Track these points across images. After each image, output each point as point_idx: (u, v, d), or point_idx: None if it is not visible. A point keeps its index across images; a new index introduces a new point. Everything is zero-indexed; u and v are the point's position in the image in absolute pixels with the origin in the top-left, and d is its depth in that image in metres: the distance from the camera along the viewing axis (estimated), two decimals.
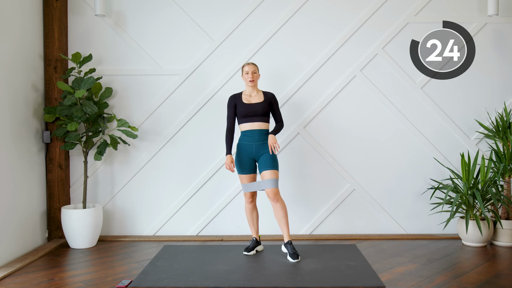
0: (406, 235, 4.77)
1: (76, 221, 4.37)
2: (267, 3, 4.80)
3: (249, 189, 4.10)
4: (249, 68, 4.10)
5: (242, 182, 4.15)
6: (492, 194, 4.25)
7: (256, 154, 4.06)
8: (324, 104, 4.81)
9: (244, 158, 4.07)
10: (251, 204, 4.18)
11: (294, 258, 3.88)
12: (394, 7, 4.80)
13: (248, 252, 4.11)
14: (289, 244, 3.97)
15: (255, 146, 4.04)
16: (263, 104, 4.07)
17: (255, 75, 4.11)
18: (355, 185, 4.83)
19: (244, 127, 4.08)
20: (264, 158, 4.02)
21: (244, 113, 4.05)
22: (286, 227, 3.99)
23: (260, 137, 4.05)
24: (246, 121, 4.06)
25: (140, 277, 3.54)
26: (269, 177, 3.97)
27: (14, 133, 4.10)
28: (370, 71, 4.82)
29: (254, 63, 4.24)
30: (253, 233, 4.25)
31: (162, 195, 4.85)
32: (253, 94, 4.12)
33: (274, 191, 3.95)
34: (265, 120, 4.08)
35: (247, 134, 4.06)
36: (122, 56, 4.81)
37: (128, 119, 4.78)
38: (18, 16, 4.20)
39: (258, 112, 4.04)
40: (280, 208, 3.97)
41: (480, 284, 3.38)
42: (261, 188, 4.03)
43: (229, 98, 4.16)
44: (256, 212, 4.23)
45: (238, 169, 4.11)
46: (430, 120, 4.83)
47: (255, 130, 4.05)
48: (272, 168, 3.99)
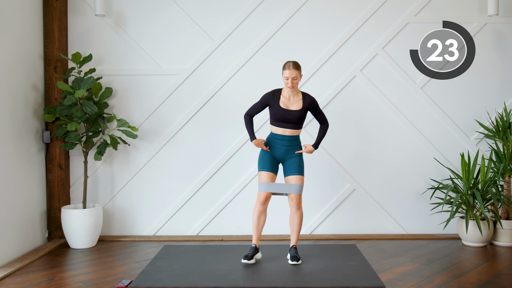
0: (406, 235, 4.77)
1: (76, 221, 4.37)
2: (267, 3, 4.80)
3: (269, 189, 3.82)
4: (289, 73, 3.74)
5: (260, 180, 3.86)
6: (492, 194, 4.25)
7: (284, 157, 3.90)
8: (324, 104, 4.81)
9: (270, 156, 3.90)
10: (263, 207, 3.84)
11: (293, 261, 3.84)
12: (394, 7, 4.80)
13: (249, 261, 3.82)
14: (293, 248, 3.92)
15: (283, 150, 3.88)
16: (300, 113, 3.83)
17: (295, 81, 3.77)
18: (355, 185, 4.83)
19: (276, 130, 3.88)
20: (293, 162, 3.87)
21: (279, 118, 3.83)
22: (297, 234, 3.92)
23: (291, 142, 3.89)
24: (279, 125, 3.86)
25: (140, 277, 3.54)
26: (297, 182, 3.83)
27: (14, 133, 4.10)
28: (370, 71, 4.82)
29: (296, 63, 3.81)
30: (254, 240, 3.90)
31: (162, 195, 4.85)
32: (292, 99, 3.84)
33: (300, 197, 3.83)
34: (298, 127, 3.89)
35: (277, 137, 3.88)
36: (122, 56, 4.81)
37: (128, 119, 4.78)
38: (18, 16, 4.20)
39: (293, 120, 3.82)
40: (299, 217, 3.87)
41: (480, 284, 3.39)
42: (286, 191, 3.82)
43: (267, 94, 3.89)
44: (264, 217, 3.88)
45: (260, 164, 3.90)
46: (430, 120, 4.83)
47: (286, 136, 3.87)
48: (300, 174, 3.84)
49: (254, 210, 3.88)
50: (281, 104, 3.83)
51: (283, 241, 4.62)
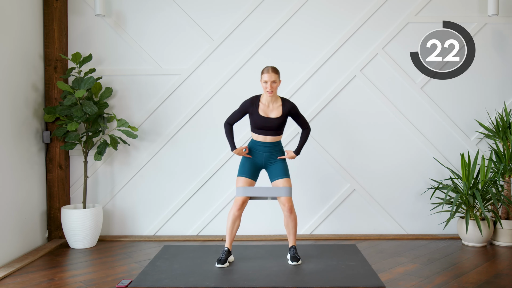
0: (406, 235, 4.77)
1: (76, 221, 4.37)
2: (267, 3, 4.80)
3: (249, 193, 3.80)
4: (268, 77, 3.71)
5: (238, 185, 3.84)
6: (492, 194, 4.25)
7: (266, 163, 3.89)
8: (324, 104, 4.81)
9: (250, 161, 3.89)
10: (239, 212, 3.81)
11: (293, 261, 3.83)
12: (394, 7, 4.80)
13: (222, 265, 3.75)
14: (293, 248, 3.91)
15: (265, 156, 3.87)
16: (279, 120, 3.80)
17: (275, 85, 3.73)
18: (355, 185, 4.83)
19: (257, 138, 3.87)
20: (277, 166, 3.86)
21: (259, 126, 3.82)
22: (294, 235, 3.91)
23: (272, 148, 3.88)
24: (260, 133, 3.85)
25: (140, 277, 3.54)
26: (285, 185, 3.81)
27: (14, 133, 4.10)
28: (370, 71, 4.82)
29: (275, 68, 3.80)
30: (227, 243, 3.86)
31: (162, 195, 4.85)
32: (271, 105, 3.81)
33: (291, 200, 3.81)
34: (279, 134, 3.88)
35: (259, 144, 3.87)
36: (122, 56, 4.81)
37: (128, 119, 4.78)
38: (18, 16, 4.20)
39: (273, 127, 3.80)
40: (293, 220, 3.84)
41: (480, 284, 3.39)
42: (275, 195, 3.80)
43: (245, 101, 3.86)
44: (239, 222, 3.85)
45: (240, 170, 3.90)
46: (430, 120, 4.83)
47: (268, 142, 3.86)
48: (287, 177, 3.84)
49: (229, 215, 3.84)
50: (260, 112, 3.80)
51: (283, 241, 4.62)
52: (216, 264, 3.78)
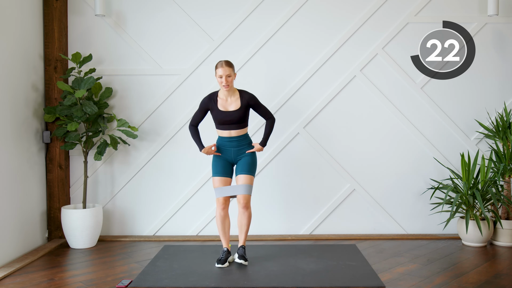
0: (406, 235, 4.77)
1: (76, 221, 4.37)
2: (267, 3, 4.80)
3: (222, 193, 3.81)
4: (222, 71, 3.69)
5: (215, 186, 3.85)
6: (492, 194, 4.25)
7: (235, 158, 3.89)
8: (324, 104, 4.81)
9: (221, 159, 3.89)
10: (224, 211, 3.83)
11: (241, 259, 3.76)
12: (394, 7, 4.80)
13: (222, 265, 3.74)
14: (242, 247, 3.83)
15: (233, 151, 3.87)
16: (239, 112, 3.78)
17: (230, 79, 3.72)
18: (355, 185, 4.83)
19: (222, 133, 3.87)
20: (243, 161, 3.84)
21: (220, 121, 3.81)
22: (245, 234, 3.85)
23: (239, 142, 3.86)
24: (223, 128, 3.84)
25: (140, 277, 3.54)
26: (243, 182, 3.78)
27: (14, 133, 4.10)
28: (370, 71, 4.82)
29: (228, 61, 3.78)
30: (224, 243, 3.87)
31: (162, 195, 4.85)
32: (229, 99, 3.81)
33: (247, 197, 3.77)
34: (242, 126, 3.85)
35: (225, 140, 3.87)
36: (122, 56, 4.81)
37: (128, 119, 4.78)
38: (18, 16, 4.20)
39: (234, 120, 3.78)
40: (247, 217, 3.81)
41: (480, 284, 3.39)
42: (234, 193, 3.80)
43: (203, 99, 3.88)
44: (228, 220, 3.88)
45: (213, 170, 3.89)
46: (430, 120, 4.83)
47: (233, 137, 3.85)
48: (248, 173, 3.79)
49: (216, 216, 3.87)
50: (219, 106, 3.80)
51: (283, 241, 4.62)
52: (216, 264, 3.78)
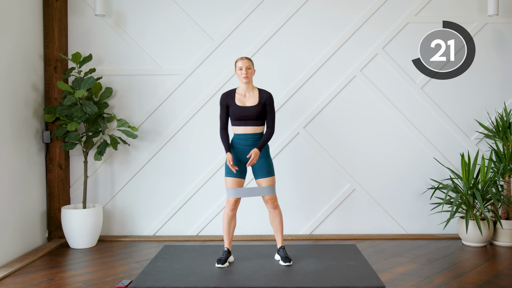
0: (406, 235, 4.77)
1: (76, 221, 4.37)
2: (267, 3, 4.80)
3: (238, 194, 3.80)
4: (242, 63, 3.76)
5: (227, 186, 3.82)
6: (492, 194, 4.25)
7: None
8: (324, 104, 4.81)
9: (236, 160, 3.82)
10: (233, 212, 3.84)
11: (286, 262, 3.82)
12: (394, 7, 4.80)
13: (222, 265, 3.77)
14: (282, 249, 3.91)
15: (249, 151, 3.80)
16: (257, 108, 3.77)
17: (250, 71, 3.77)
18: (355, 185, 4.83)
19: (238, 130, 3.82)
20: (261, 164, 3.81)
21: (237, 116, 3.78)
22: (281, 233, 3.92)
23: (255, 141, 3.81)
24: (239, 124, 3.80)
25: (140, 277, 3.54)
26: (268, 184, 3.81)
27: (14, 133, 4.10)
28: (370, 71, 4.82)
29: (248, 57, 3.90)
30: (226, 243, 3.89)
31: (162, 195, 4.85)
32: (247, 94, 3.82)
33: (273, 197, 3.84)
34: (260, 124, 3.82)
35: (240, 138, 3.82)
36: (122, 56, 4.81)
37: (128, 119, 4.78)
38: (18, 16, 4.20)
39: (252, 116, 3.77)
40: (278, 215, 3.88)
41: (480, 284, 3.39)
42: (258, 194, 3.83)
43: (221, 97, 3.87)
44: (235, 221, 3.90)
45: (226, 170, 3.83)
46: (430, 120, 4.83)
47: (249, 134, 3.79)
48: (269, 175, 3.81)
49: (223, 216, 3.88)
50: (237, 102, 3.80)
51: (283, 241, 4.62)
52: (216, 264, 3.79)
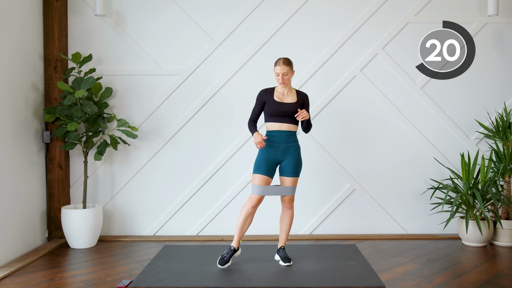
0: (406, 235, 4.77)
1: (76, 221, 4.37)
2: (267, 3, 4.80)
3: (263, 192, 3.72)
4: (280, 69, 3.72)
5: (254, 183, 3.73)
6: (492, 194, 4.25)
7: (281, 157, 3.78)
8: (324, 104, 4.81)
9: (266, 158, 3.76)
10: (253, 210, 3.74)
11: (286, 262, 3.82)
12: (394, 7, 4.80)
13: (223, 266, 3.74)
14: (282, 249, 3.91)
15: (281, 148, 3.76)
16: (295, 106, 3.77)
17: (286, 77, 3.75)
18: (355, 185, 4.83)
19: (272, 126, 3.78)
20: (289, 162, 3.78)
21: (275, 112, 3.75)
22: (286, 233, 3.93)
23: (288, 138, 3.78)
24: (275, 120, 3.77)
25: (140, 277, 3.54)
26: (291, 184, 3.81)
27: (14, 133, 4.10)
28: (370, 71, 4.82)
29: (286, 59, 3.76)
30: (235, 242, 3.81)
31: (162, 195, 4.85)
32: (285, 93, 3.82)
33: (292, 198, 3.86)
34: (295, 122, 3.81)
35: (274, 135, 3.78)
36: (122, 56, 4.81)
37: (128, 119, 4.78)
38: (18, 16, 4.20)
39: (289, 112, 3.75)
40: (290, 215, 3.90)
41: (480, 284, 3.39)
42: (280, 193, 3.80)
43: (260, 92, 3.84)
44: (251, 219, 3.79)
45: (255, 167, 3.77)
46: (430, 120, 4.83)
47: (283, 131, 3.77)
48: (295, 176, 3.81)
49: (242, 211, 3.75)
50: (275, 98, 3.79)
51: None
52: (217, 264, 3.76)
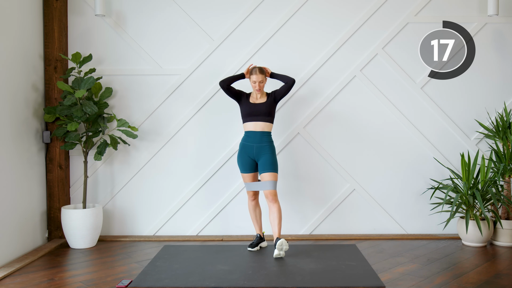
0: (406, 235, 4.77)
1: (76, 221, 4.37)
2: (267, 3, 4.80)
3: (251, 188, 4.25)
4: (256, 78, 4.16)
5: (244, 181, 4.31)
6: (492, 194, 4.25)
7: (257, 156, 4.17)
8: (324, 104, 4.81)
9: (245, 158, 4.21)
10: (254, 201, 4.32)
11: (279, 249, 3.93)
12: (394, 7, 4.80)
13: (252, 248, 4.22)
14: (277, 239, 4.00)
15: (255, 148, 4.16)
16: (267, 104, 4.19)
17: (262, 84, 4.20)
18: (355, 185, 4.83)
19: (248, 127, 4.20)
20: (264, 160, 4.14)
21: (248, 112, 4.18)
22: (278, 226, 4.06)
23: (262, 139, 4.16)
24: (250, 120, 4.18)
25: (140, 277, 3.54)
26: (268, 179, 4.11)
27: (14, 133, 4.10)
28: (370, 71, 4.82)
29: (261, 68, 4.21)
30: (256, 230, 4.37)
31: (162, 195, 4.85)
32: (259, 97, 4.25)
33: (273, 192, 4.10)
34: (268, 121, 4.19)
35: (249, 135, 4.18)
36: (122, 56, 4.81)
37: (128, 119, 4.78)
38: (18, 16, 4.20)
39: (262, 111, 4.16)
40: (276, 209, 4.09)
41: (480, 284, 3.39)
42: (261, 189, 4.17)
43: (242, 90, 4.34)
44: (259, 209, 4.37)
45: (240, 168, 4.26)
46: (430, 120, 4.83)
47: (258, 132, 4.16)
48: (271, 171, 4.12)
49: (248, 206, 4.37)
50: (250, 100, 4.24)
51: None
52: (248, 248, 4.22)
